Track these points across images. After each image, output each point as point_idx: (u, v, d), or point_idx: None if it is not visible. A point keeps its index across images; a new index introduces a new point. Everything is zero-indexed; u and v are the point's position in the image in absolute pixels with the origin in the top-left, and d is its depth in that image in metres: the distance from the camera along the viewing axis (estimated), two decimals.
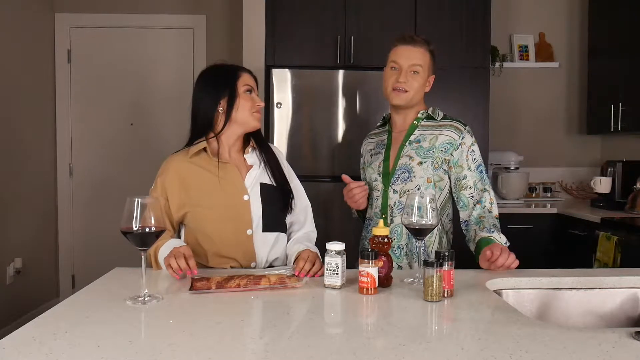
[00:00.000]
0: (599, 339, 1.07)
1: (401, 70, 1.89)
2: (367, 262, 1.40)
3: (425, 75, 1.91)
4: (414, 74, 1.89)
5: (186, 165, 1.78)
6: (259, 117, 1.83)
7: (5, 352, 1.01)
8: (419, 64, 1.88)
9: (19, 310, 3.68)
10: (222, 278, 1.49)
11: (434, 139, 1.90)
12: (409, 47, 1.89)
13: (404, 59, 1.89)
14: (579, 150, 4.21)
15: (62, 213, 4.31)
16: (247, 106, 1.78)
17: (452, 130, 1.91)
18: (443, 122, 1.94)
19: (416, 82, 1.89)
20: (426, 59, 1.90)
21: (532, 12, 4.18)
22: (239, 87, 1.78)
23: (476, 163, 1.90)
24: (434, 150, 1.89)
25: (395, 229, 1.91)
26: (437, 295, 1.35)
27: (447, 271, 1.38)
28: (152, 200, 1.35)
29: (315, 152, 3.40)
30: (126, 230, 1.32)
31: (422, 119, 1.95)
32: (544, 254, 3.51)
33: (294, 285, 1.48)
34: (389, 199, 1.92)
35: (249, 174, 1.80)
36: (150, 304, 1.32)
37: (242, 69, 1.84)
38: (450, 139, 1.90)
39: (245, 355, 1.02)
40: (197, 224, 1.76)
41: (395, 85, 1.89)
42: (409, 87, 1.88)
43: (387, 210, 1.92)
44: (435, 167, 1.89)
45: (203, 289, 1.43)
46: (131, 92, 4.32)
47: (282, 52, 3.48)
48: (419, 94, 1.92)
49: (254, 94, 1.82)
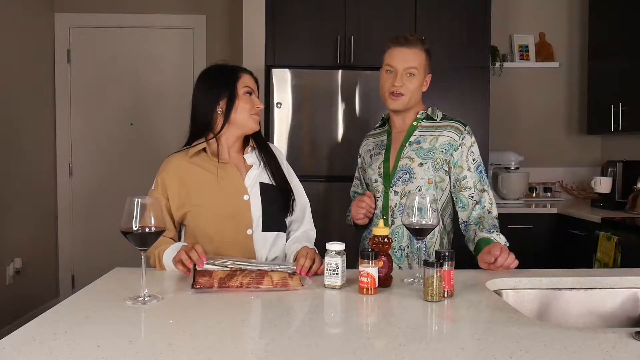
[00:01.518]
0: (599, 339, 1.07)
1: (396, 74, 1.87)
2: (367, 262, 1.40)
3: (421, 76, 1.89)
4: (409, 77, 1.87)
5: (186, 165, 1.78)
6: (258, 120, 1.82)
7: (5, 352, 1.00)
8: (414, 66, 1.87)
9: (19, 310, 3.68)
10: (225, 273, 1.48)
11: (434, 140, 1.90)
12: (403, 50, 1.87)
13: (398, 62, 1.87)
14: (579, 150, 4.21)
15: (62, 213, 4.31)
16: (246, 108, 1.78)
17: (452, 131, 1.90)
18: (443, 123, 1.93)
19: (412, 84, 1.88)
20: (421, 59, 1.89)
21: (532, 12, 4.18)
22: (239, 89, 1.78)
23: (475, 163, 1.89)
24: (435, 151, 1.88)
25: (396, 231, 1.89)
26: (437, 295, 1.35)
27: (447, 271, 1.38)
28: (152, 200, 1.35)
29: (315, 152, 3.40)
30: (126, 230, 1.31)
31: (421, 120, 1.94)
32: (544, 254, 3.51)
33: (296, 288, 1.48)
34: (389, 201, 1.91)
35: (248, 174, 1.80)
36: (150, 304, 1.32)
37: (242, 70, 1.83)
38: (451, 140, 1.89)
39: (246, 355, 1.02)
40: (196, 223, 1.76)
41: (392, 90, 1.88)
42: (405, 90, 1.87)
43: (388, 212, 1.91)
44: (436, 168, 1.88)
45: (206, 285, 1.43)
46: (131, 92, 4.32)
47: (282, 52, 3.48)
48: (415, 96, 1.90)
49: (253, 95, 1.81)
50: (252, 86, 1.81)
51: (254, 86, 1.82)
